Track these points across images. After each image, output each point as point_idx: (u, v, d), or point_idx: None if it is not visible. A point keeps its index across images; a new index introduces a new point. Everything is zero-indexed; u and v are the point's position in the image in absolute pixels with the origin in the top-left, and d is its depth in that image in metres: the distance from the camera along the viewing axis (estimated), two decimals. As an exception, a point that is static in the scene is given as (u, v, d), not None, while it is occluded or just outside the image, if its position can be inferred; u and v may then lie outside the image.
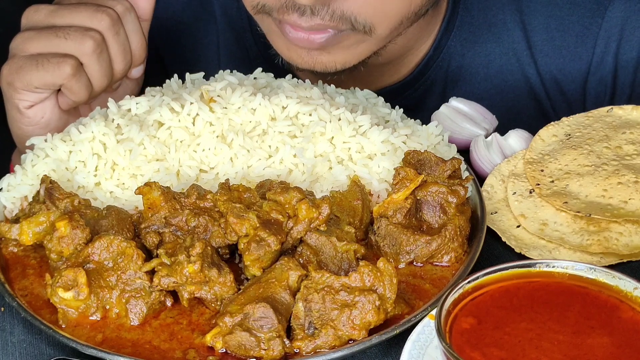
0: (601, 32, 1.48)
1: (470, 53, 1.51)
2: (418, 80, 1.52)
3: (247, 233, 1.06)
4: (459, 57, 1.51)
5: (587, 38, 1.48)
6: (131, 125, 1.22)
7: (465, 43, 1.50)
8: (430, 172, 1.18)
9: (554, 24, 1.49)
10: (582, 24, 1.49)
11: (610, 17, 1.47)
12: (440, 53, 1.50)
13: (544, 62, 1.50)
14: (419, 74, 1.51)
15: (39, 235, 1.10)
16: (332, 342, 1.00)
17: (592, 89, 1.51)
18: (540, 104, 1.53)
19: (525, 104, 1.53)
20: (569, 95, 1.52)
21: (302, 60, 1.32)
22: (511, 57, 1.51)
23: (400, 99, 1.49)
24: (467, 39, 1.50)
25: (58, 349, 1.05)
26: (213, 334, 1.00)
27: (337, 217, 1.13)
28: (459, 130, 1.35)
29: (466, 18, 1.50)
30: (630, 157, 1.24)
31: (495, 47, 1.51)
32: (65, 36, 1.25)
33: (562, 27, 1.49)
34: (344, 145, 1.22)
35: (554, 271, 0.98)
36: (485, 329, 0.92)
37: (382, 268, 1.01)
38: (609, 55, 1.48)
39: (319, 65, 1.32)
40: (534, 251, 1.17)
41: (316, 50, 1.30)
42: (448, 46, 1.50)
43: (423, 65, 1.50)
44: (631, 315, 0.93)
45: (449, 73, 1.51)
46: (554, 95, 1.52)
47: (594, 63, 1.49)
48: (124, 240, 1.06)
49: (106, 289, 1.05)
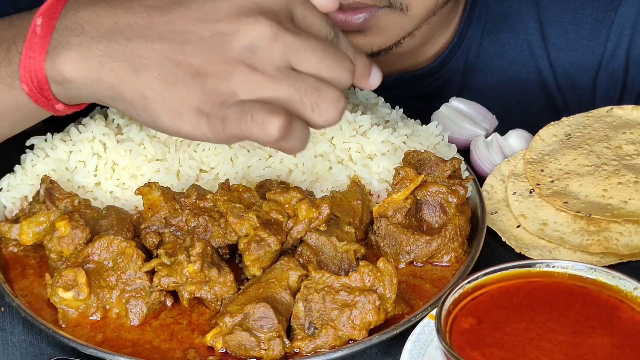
0: (614, 27, 1.48)
1: (486, 42, 1.52)
2: (441, 69, 1.52)
3: (247, 233, 1.06)
4: (477, 46, 1.51)
5: (600, 32, 1.49)
6: (131, 125, 1.22)
7: (483, 33, 1.51)
8: (430, 172, 1.18)
9: (567, 17, 1.50)
10: (595, 18, 1.49)
11: (623, 11, 1.48)
12: (462, 42, 1.51)
13: (556, 54, 1.51)
14: (442, 62, 1.52)
15: (39, 235, 1.10)
16: (332, 342, 1.00)
17: (602, 83, 1.51)
18: (550, 97, 1.53)
19: (535, 95, 1.53)
20: (579, 89, 1.52)
21: None
22: (525, 49, 1.51)
23: (420, 87, 1.50)
24: (485, 29, 1.51)
25: (58, 349, 1.05)
26: (213, 334, 1.00)
27: (337, 217, 1.13)
28: (459, 130, 1.35)
29: (484, 8, 1.51)
30: (630, 157, 1.24)
31: (510, 38, 1.52)
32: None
33: (575, 20, 1.50)
34: (344, 145, 1.22)
35: (554, 271, 0.98)
36: (485, 329, 0.92)
37: (382, 268, 1.01)
38: (620, 49, 1.49)
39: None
40: (534, 251, 1.17)
41: (353, 33, 1.30)
42: (469, 35, 1.51)
43: (447, 54, 1.51)
44: (631, 315, 0.93)
45: (468, 62, 1.52)
46: (565, 88, 1.52)
47: (605, 57, 1.50)
48: (124, 240, 1.06)
49: (106, 289, 1.05)
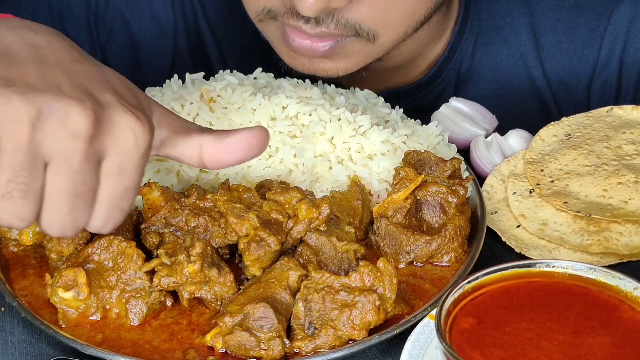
0: (607, 35, 1.49)
1: (478, 55, 1.52)
2: (432, 82, 1.53)
3: (247, 233, 1.06)
4: (469, 59, 1.52)
5: (593, 40, 1.49)
6: (131, 125, 1.21)
7: (475, 45, 1.51)
8: (430, 172, 1.18)
9: (561, 27, 1.50)
10: (588, 27, 1.49)
11: (615, 19, 1.48)
12: (453, 55, 1.51)
13: (550, 64, 1.51)
14: (433, 76, 1.52)
15: (39, 235, 1.11)
16: (332, 342, 1.00)
17: (596, 91, 1.52)
18: (545, 106, 1.53)
19: (530, 105, 1.54)
20: (574, 96, 1.52)
21: (304, 67, 1.34)
22: (518, 59, 1.52)
23: (412, 100, 1.50)
24: (477, 41, 1.51)
25: (58, 349, 1.05)
26: (213, 334, 1.00)
27: (337, 217, 1.13)
28: (459, 130, 1.35)
29: (476, 21, 1.51)
30: (630, 157, 1.24)
31: (502, 49, 1.52)
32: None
33: (569, 30, 1.50)
34: (344, 145, 1.22)
35: (554, 271, 0.98)
36: (485, 329, 0.92)
37: (382, 268, 1.01)
38: (613, 57, 1.49)
39: (321, 72, 1.34)
40: (534, 251, 1.17)
41: (318, 58, 1.32)
42: (460, 48, 1.51)
43: (438, 67, 1.51)
44: (631, 315, 0.93)
45: (460, 75, 1.52)
46: (560, 97, 1.53)
47: (599, 65, 1.50)
48: (124, 240, 1.06)
49: (106, 289, 1.05)
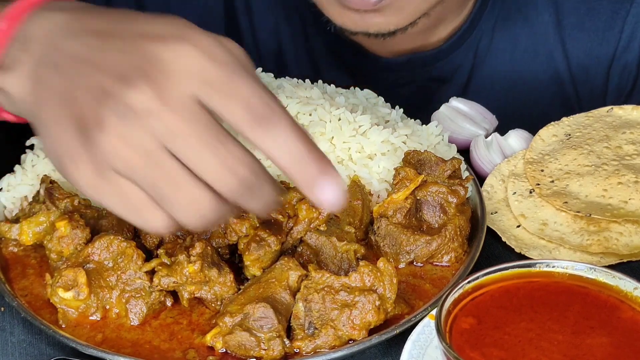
0: (629, 18, 1.49)
1: (499, 32, 1.52)
2: (451, 52, 1.52)
3: (247, 233, 1.06)
4: (489, 34, 1.52)
5: (616, 23, 1.50)
6: (131, 125, 1.21)
7: (496, 21, 1.51)
8: (430, 172, 1.18)
9: (584, 9, 1.51)
10: (611, 9, 1.50)
11: (639, 2, 1.48)
12: (473, 29, 1.51)
13: (572, 45, 1.51)
14: (452, 45, 1.52)
15: (39, 235, 1.11)
16: (332, 342, 1.00)
17: (615, 74, 1.52)
18: (561, 87, 1.53)
19: (547, 85, 1.54)
20: (593, 79, 1.53)
21: (356, 24, 1.32)
22: (538, 39, 1.52)
23: (431, 68, 1.49)
24: (498, 16, 1.51)
25: (58, 349, 1.05)
26: (213, 334, 1.00)
27: (337, 217, 1.13)
28: (459, 130, 1.35)
29: None
30: (630, 157, 1.24)
31: (523, 28, 1.52)
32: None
33: (592, 11, 1.50)
34: (344, 145, 1.22)
35: (554, 271, 0.98)
36: (485, 329, 0.92)
37: (382, 268, 1.01)
38: (635, 40, 1.50)
39: (373, 27, 1.32)
40: (534, 251, 1.17)
41: (369, 13, 1.30)
42: (481, 23, 1.51)
43: (457, 38, 1.51)
44: (631, 315, 0.93)
45: (479, 51, 1.52)
46: (579, 78, 1.53)
47: (619, 48, 1.50)
48: (124, 240, 1.06)
49: (106, 289, 1.05)
